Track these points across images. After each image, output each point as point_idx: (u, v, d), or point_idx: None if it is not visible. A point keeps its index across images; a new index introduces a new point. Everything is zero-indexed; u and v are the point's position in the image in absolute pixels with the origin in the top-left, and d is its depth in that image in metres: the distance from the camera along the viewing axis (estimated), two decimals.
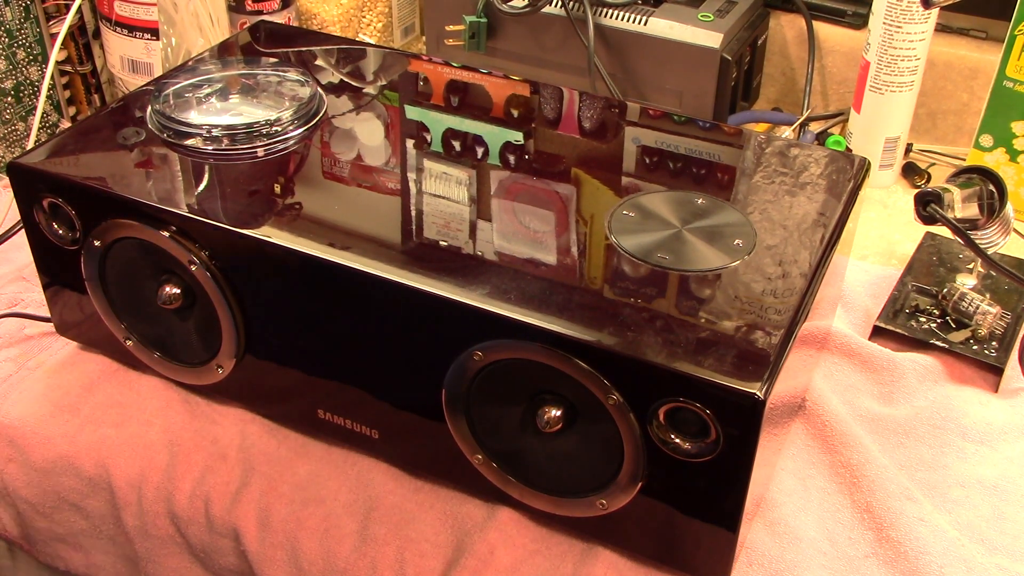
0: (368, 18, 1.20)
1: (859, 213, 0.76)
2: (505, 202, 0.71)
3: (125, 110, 0.79)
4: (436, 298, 0.61)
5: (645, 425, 0.59)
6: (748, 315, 0.61)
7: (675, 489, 0.61)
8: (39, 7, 1.08)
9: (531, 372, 0.61)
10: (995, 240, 0.80)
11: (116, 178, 0.71)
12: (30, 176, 0.72)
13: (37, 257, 0.77)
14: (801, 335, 0.62)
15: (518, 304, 0.61)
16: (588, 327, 0.59)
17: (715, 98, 1.02)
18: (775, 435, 0.64)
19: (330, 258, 0.64)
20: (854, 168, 0.74)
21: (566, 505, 0.65)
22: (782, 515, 0.68)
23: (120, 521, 0.74)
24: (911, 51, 0.95)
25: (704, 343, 0.58)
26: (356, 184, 0.72)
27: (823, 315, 0.74)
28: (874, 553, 0.66)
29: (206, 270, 0.68)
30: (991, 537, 0.68)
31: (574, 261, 0.65)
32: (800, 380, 0.71)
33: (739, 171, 0.75)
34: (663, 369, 0.57)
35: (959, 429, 0.75)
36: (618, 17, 1.04)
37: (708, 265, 0.64)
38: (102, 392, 0.78)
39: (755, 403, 0.55)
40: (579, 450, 0.63)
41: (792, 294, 0.62)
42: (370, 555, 0.67)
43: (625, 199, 0.70)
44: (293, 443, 0.74)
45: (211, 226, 0.67)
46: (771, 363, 0.57)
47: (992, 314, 0.79)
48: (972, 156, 0.98)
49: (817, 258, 0.65)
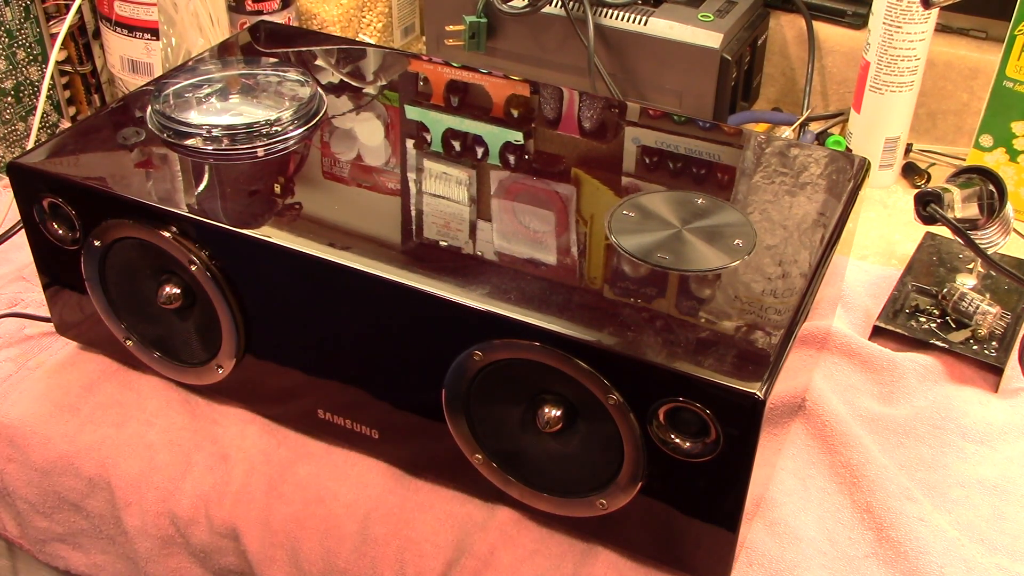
0: (368, 18, 1.20)
1: (859, 213, 0.76)
2: (505, 202, 0.71)
3: (125, 110, 0.79)
4: (436, 298, 0.61)
5: (645, 425, 0.59)
6: (748, 315, 0.61)
7: (675, 489, 0.61)
8: (39, 7, 1.08)
9: (531, 372, 0.61)
10: (995, 240, 0.80)
11: (116, 178, 0.71)
12: (30, 176, 0.72)
13: (37, 257, 0.77)
14: (801, 335, 0.62)
15: (518, 304, 0.61)
16: (588, 327, 0.59)
17: (715, 98, 1.02)
18: (775, 435, 0.64)
19: (330, 258, 0.64)
20: (854, 168, 0.74)
21: (566, 505, 0.65)
22: (782, 515, 0.68)
23: (120, 521, 0.74)
24: (911, 51, 0.95)
25: (704, 343, 0.58)
26: (356, 184, 0.72)
27: (823, 315, 0.74)
28: (874, 553, 0.66)
29: (206, 270, 0.68)
30: (991, 537, 0.68)
31: (574, 261, 0.65)
32: (800, 380, 0.71)
33: (739, 171, 0.75)
34: (663, 369, 0.57)
35: (959, 429, 0.75)
36: (618, 17, 1.04)
37: (708, 265, 0.64)
38: (102, 392, 0.78)
39: (755, 403, 0.55)
40: (579, 450, 0.63)
41: (792, 294, 0.62)
42: (370, 555, 0.67)
43: (625, 199, 0.70)
44: (293, 443, 0.74)
45: (211, 226, 0.67)
46: (771, 363, 0.57)
47: (992, 314, 0.79)
48: (972, 156, 0.98)
49: (817, 258, 0.65)
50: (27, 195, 0.73)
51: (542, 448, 0.64)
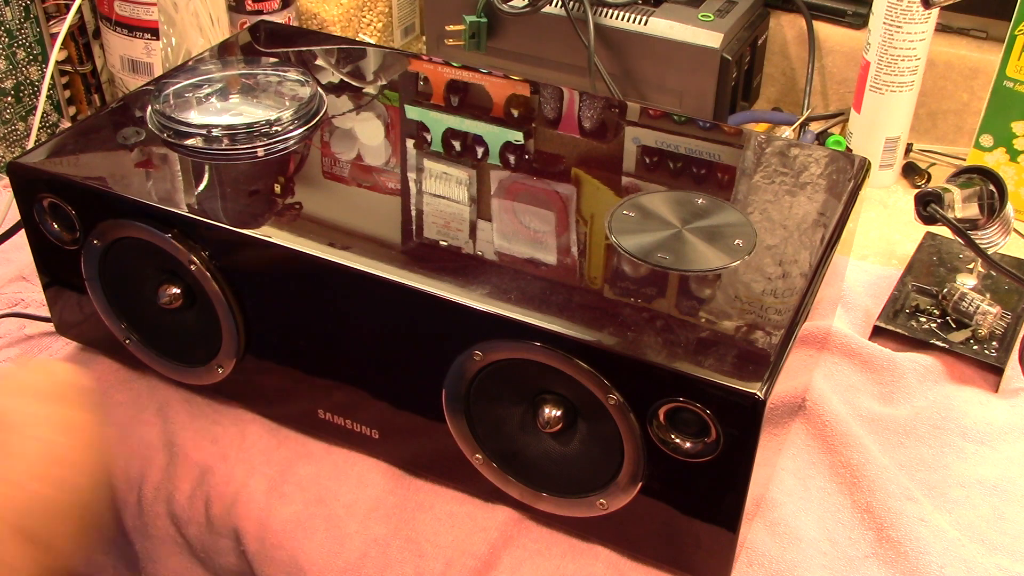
0: (368, 18, 1.20)
1: (859, 213, 0.76)
2: (505, 202, 0.71)
3: (125, 110, 0.78)
4: (436, 298, 0.61)
5: (645, 425, 0.59)
6: (748, 315, 0.61)
7: (675, 489, 0.61)
8: (39, 7, 1.08)
9: (531, 372, 0.61)
10: (995, 240, 0.80)
11: (116, 178, 0.71)
12: (30, 176, 0.72)
13: (37, 257, 0.77)
14: (801, 335, 0.62)
15: (518, 304, 0.61)
16: (588, 327, 0.59)
17: (715, 98, 1.02)
18: (775, 435, 0.64)
19: (330, 258, 0.64)
20: (854, 168, 0.74)
21: (566, 505, 0.65)
22: (782, 515, 0.68)
23: (119, 521, 0.74)
24: (911, 51, 0.95)
25: (704, 343, 0.58)
26: (356, 184, 0.72)
27: (823, 315, 0.74)
28: (874, 553, 0.66)
29: (206, 270, 0.68)
30: (991, 537, 0.68)
31: (574, 261, 0.65)
32: (800, 380, 0.71)
33: (739, 171, 0.75)
34: (663, 369, 0.57)
35: (959, 429, 0.75)
36: (618, 17, 1.04)
37: (708, 265, 0.64)
38: (102, 392, 0.77)
39: (755, 403, 0.55)
40: (579, 450, 0.63)
41: (792, 294, 0.62)
42: (370, 555, 0.67)
43: (625, 199, 0.70)
44: (293, 443, 0.73)
45: (211, 226, 0.67)
46: (771, 363, 0.57)
47: (992, 314, 0.79)
48: (972, 156, 0.98)
49: (817, 258, 0.65)
50: (27, 195, 0.73)
51: (542, 448, 0.64)
